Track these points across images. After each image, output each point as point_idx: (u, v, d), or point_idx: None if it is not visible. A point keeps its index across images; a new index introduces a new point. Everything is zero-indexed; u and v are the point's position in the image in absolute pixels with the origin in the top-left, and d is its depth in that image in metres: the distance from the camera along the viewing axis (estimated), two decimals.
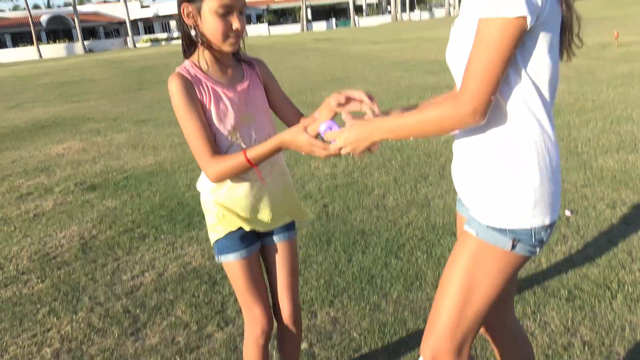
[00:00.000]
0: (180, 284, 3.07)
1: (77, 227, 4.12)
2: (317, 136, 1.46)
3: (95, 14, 65.20)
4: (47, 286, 3.18)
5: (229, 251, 1.74)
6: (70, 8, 60.05)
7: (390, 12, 63.77)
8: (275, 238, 1.82)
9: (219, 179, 1.61)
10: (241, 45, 1.64)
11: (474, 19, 1.20)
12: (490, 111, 1.22)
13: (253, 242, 1.78)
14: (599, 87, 7.82)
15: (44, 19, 57.60)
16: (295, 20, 64.35)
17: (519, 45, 1.19)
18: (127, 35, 56.09)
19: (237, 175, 1.63)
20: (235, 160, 1.55)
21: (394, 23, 51.86)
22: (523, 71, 1.24)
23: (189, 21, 1.56)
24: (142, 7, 67.00)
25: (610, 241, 3.12)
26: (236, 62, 1.71)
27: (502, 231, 1.29)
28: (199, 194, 1.78)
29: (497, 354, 1.75)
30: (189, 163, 5.65)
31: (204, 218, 1.82)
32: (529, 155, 1.26)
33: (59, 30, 59.59)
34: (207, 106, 1.59)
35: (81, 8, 62.50)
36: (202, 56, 1.61)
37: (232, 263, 1.74)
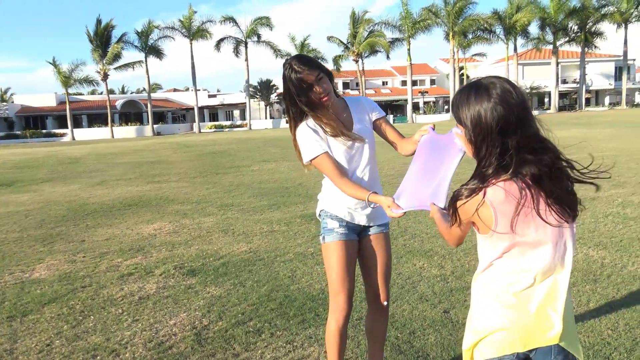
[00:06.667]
0: None
1: (185, 314, 4.00)
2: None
3: (166, 100, 69.59)
4: None
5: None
6: (142, 94, 64.42)
7: (447, 110, 64.90)
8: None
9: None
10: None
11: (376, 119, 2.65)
12: None
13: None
14: None
15: (119, 103, 61.90)
16: None
17: None
18: (194, 121, 59.12)
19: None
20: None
21: (452, 121, 52.42)
22: None
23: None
24: (210, 96, 71.26)
25: None
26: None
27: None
28: (305, 287, 1.74)
29: None
30: (285, 254, 5.54)
31: (317, 315, 1.87)
32: None
33: (131, 113, 63.62)
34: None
35: (153, 95, 66.74)
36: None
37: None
